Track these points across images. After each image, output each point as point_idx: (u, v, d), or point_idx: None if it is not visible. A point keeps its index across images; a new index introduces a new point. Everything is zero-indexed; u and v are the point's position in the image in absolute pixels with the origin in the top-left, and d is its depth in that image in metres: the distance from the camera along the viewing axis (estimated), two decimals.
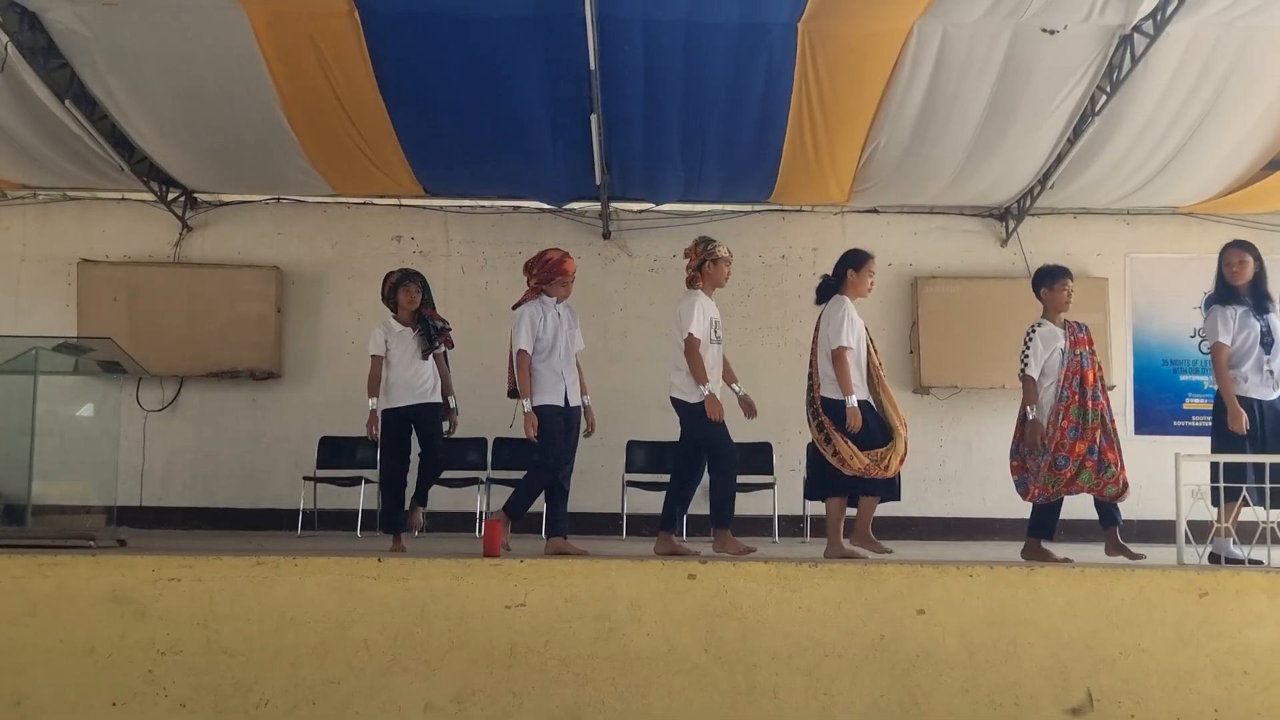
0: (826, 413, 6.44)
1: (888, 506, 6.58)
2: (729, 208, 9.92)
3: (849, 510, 6.53)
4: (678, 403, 6.47)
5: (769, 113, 8.05)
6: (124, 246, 9.98)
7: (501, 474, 9.09)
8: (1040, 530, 6.62)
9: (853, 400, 6.31)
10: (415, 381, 7.04)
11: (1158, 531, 7.11)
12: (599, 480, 9.41)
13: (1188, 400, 9.87)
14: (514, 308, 6.66)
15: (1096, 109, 7.98)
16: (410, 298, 7.15)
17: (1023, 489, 6.76)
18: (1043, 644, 5.34)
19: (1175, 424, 9.74)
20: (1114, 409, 6.72)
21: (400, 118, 8.17)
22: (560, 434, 6.50)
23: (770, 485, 9.03)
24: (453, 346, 7.30)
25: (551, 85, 7.76)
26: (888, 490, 6.48)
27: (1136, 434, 9.64)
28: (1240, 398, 6.47)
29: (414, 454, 7.12)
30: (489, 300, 9.47)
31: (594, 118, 7.94)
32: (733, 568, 5.52)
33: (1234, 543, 6.20)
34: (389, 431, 7.04)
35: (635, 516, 8.88)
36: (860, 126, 8.24)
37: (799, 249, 10.03)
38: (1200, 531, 5.92)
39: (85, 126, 8.39)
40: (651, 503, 7.81)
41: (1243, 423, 6.36)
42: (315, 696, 5.30)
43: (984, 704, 5.31)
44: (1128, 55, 7.43)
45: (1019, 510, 9.30)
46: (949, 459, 9.91)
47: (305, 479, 9.11)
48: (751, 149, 8.53)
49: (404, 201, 9.97)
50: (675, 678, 5.35)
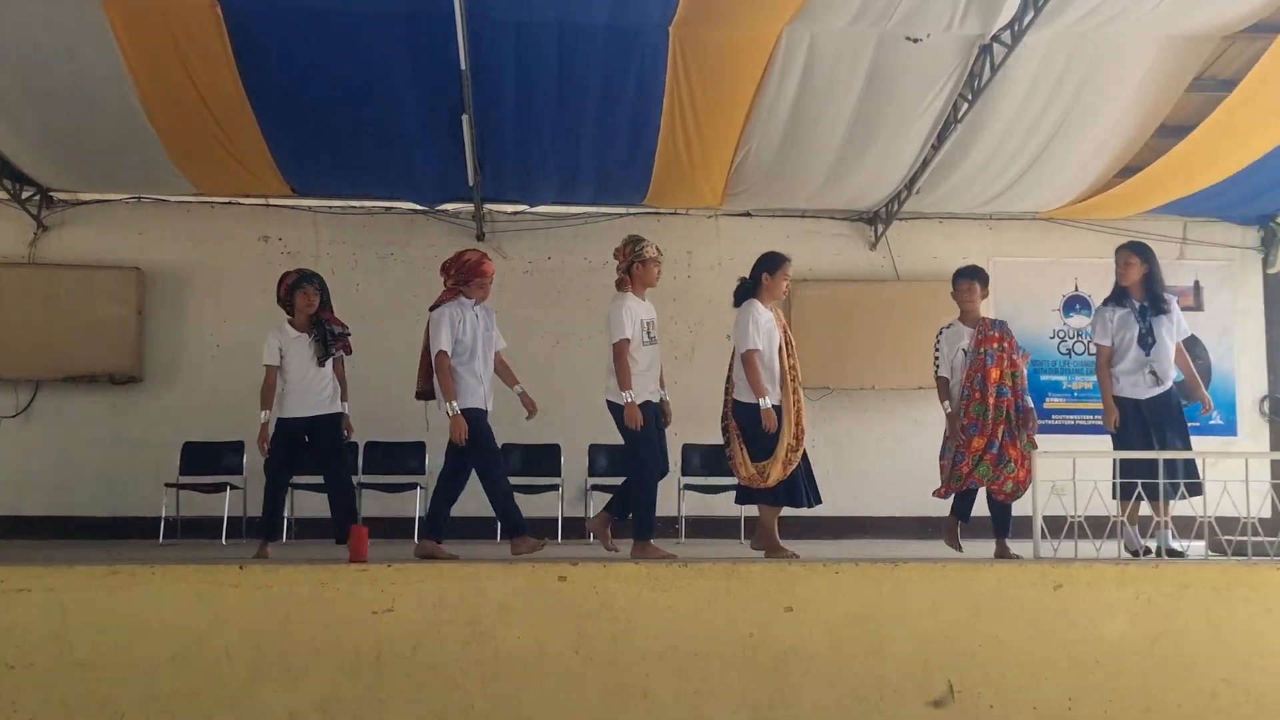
0: (735, 416, 6.58)
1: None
2: (604, 210, 9.93)
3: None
4: (610, 405, 6.51)
5: (642, 115, 8.08)
6: None
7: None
8: (955, 512, 6.93)
9: (766, 402, 6.42)
10: (312, 390, 6.80)
11: (1020, 526, 7.33)
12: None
13: (1048, 399, 10.20)
14: (431, 309, 6.57)
15: (959, 116, 8.20)
16: (308, 301, 6.89)
17: None
18: (906, 638, 5.47)
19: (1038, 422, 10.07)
20: None
21: (266, 116, 7.98)
22: (490, 435, 6.47)
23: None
24: (350, 352, 7.06)
25: (421, 85, 7.66)
26: (787, 498, 6.60)
27: None
28: (1117, 397, 6.75)
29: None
30: (359, 302, 9.29)
31: (466, 118, 7.87)
32: (604, 569, 5.52)
33: (1139, 534, 6.52)
34: (278, 442, 6.78)
35: None
36: (732, 130, 8.33)
37: (674, 252, 10.05)
38: (1098, 527, 6.11)
39: None
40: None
41: (1113, 420, 6.62)
42: (174, 708, 5.17)
43: (850, 698, 5.41)
44: (987, 64, 7.65)
45: (889, 508, 9.64)
46: (821, 459, 9.87)
47: (167, 486, 8.85)
48: (625, 151, 8.56)
49: (271, 201, 9.74)
50: (546, 680, 5.33)
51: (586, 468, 9.29)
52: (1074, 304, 10.32)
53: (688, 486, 9.14)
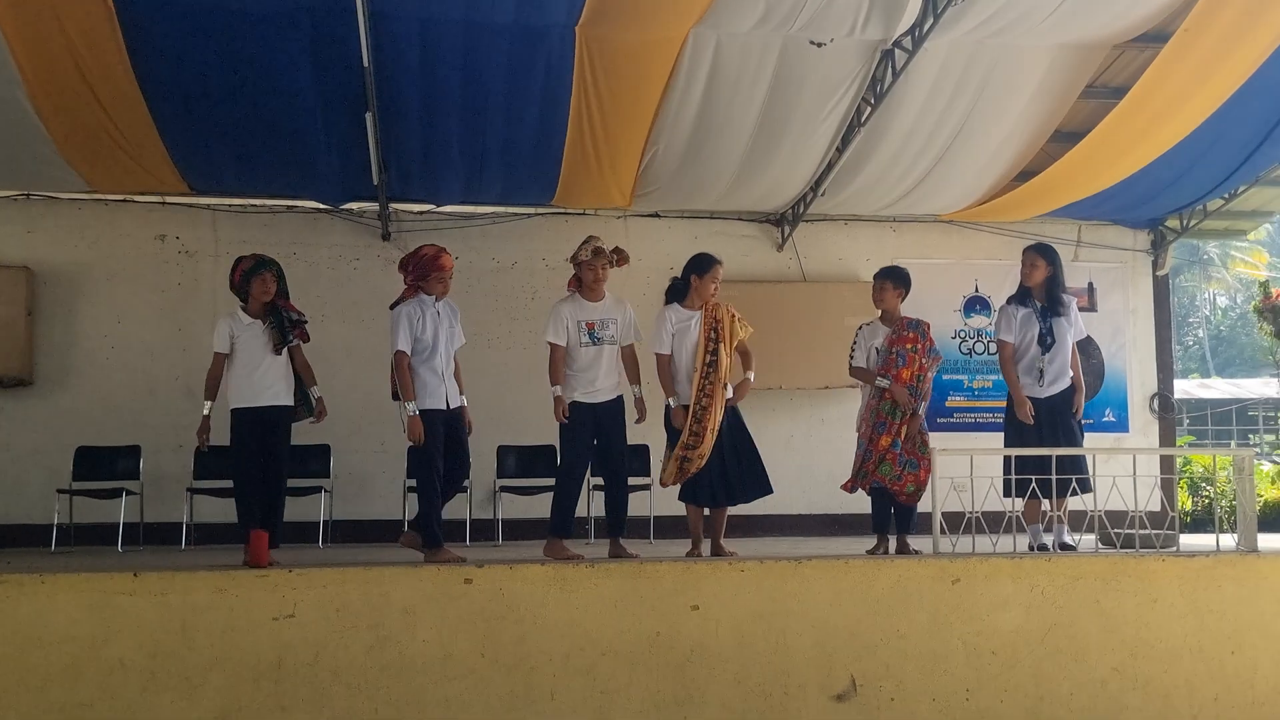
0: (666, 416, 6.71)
1: (677, 506, 6.92)
2: (512, 210, 9.88)
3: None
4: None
5: (548, 115, 8.05)
6: None
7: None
8: (875, 524, 7.00)
9: (671, 402, 6.64)
10: (265, 380, 6.50)
11: (920, 522, 7.47)
12: (380, 487, 9.25)
13: (950, 398, 10.42)
14: (391, 307, 6.49)
15: (862, 120, 8.33)
16: (265, 288, 6.60)
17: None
18: (810, 634, 5.55)
19: (939, 420, 10.26)
20: None
21: (161, 111, 7.76)
22: (439, 438, 6.36)
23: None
24: (308, 340, 6.82)
25: (323, 81, 7.53)
26: (688, 495, 6.75)
27: None
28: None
29: None
30: None
31: (369, 115, 7.77)
32: (510, 570, 5.50)
33: (1043, 529, 6.68)
34: (239, 432, 6.44)
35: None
36: (639, 131, 8.35)
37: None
38: (995, 522, 6.24)
39: None
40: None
41: (1027, 411, 6.79)
42: None
43: (755, 694, 5.47)
44: (889, 69, 7.79)
45: (795, 506, 9.74)
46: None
47: (60, 492, 8.56)
48: (532, 151, 8.52)
49: (168, 199, 9.49)
50: (451, 683, 5.30)
51: (495, 469, 9.24)
52: (974, 304, 10.56)
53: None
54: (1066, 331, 6.94)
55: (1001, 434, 7.28)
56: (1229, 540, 6.27)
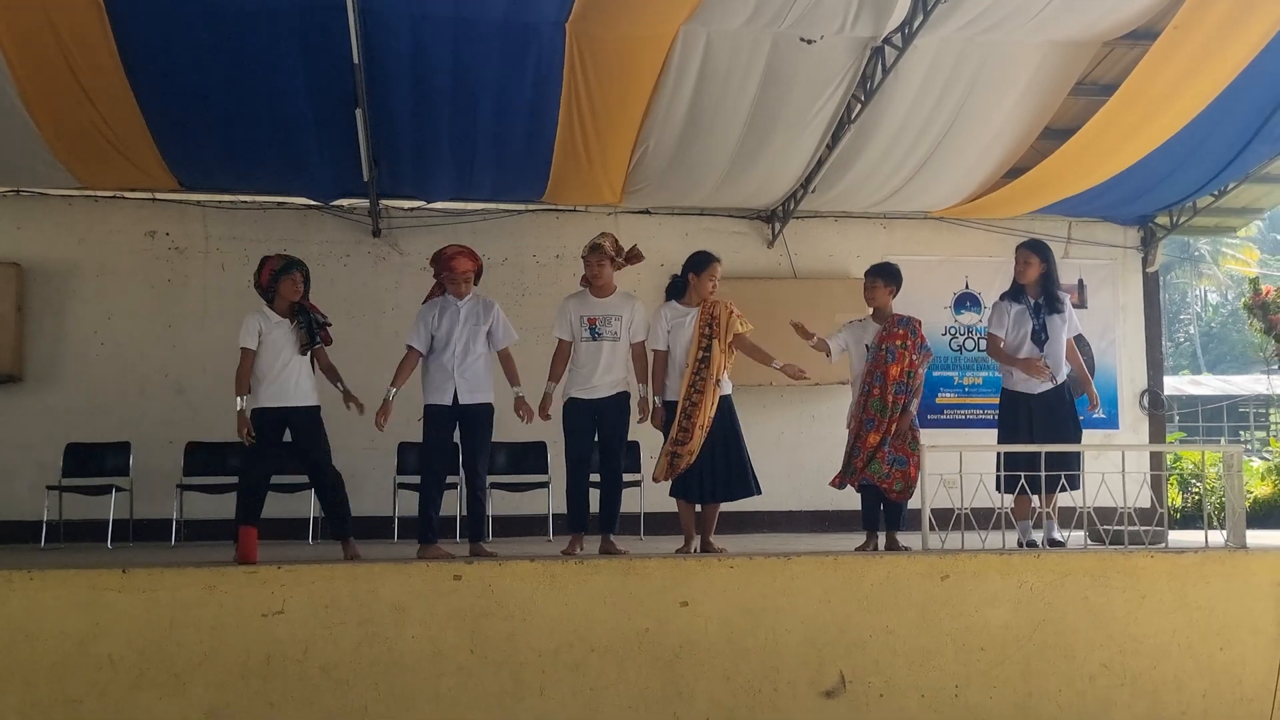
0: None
1: (667, 503, 6.98)
2: (503, 207, 9.87)
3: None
4: None
5: (539, 112, 8.04)
6: None
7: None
8: (865, 520, 6.99)
9: (657, 400, 6.73)
10: (288, 380, 6.46)
11: (909, 518, 7.48)
12: (369, 483, 9.22)
13: (940, 394, 10.44)
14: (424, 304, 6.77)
15: (852, 117, 8.34)
16: (294, 288, 6.61)
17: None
18: (799, 630, 5.56)
19: (929, 417, 10.27)
20: None
21: (151, 108, 7.75)
22: (434, 433, 6.56)
23: (545, 484, 9.04)
24: (331, 343, 6.81)
25: (313, 77, 7.51)
26: (677, 491, 6.79)
27: None
28: (1010, 391, 6.94)
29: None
30: (253, 299, 9.10)
31: (360, 112, 7.75)
32: (499, 567, 5.51)
33: (1034, 526, 6.70)
34: (260, 430, 6.40)
35: (407, 519, 8.70)
36: (629, 128, 8.35)
37: (573, 249, 9.91)
38: (985, 519, 6.25)
39: None
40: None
41: (1040, 364, 6.78)
42: (53, 717, 5.04)
43: (744, 691, 5.48)
44: (879, 66, 7.79)
45: (786, 503, 9.75)
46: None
47: (49, 488, 8.55)
48: (522, 148, 8.51)
49: (158, 195, 9.46)
50: (441, 680, 5.30)
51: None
52: (965, 301, 10.57)
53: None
54: (1061, 328, 6.96)
55: (991, 430, 7.30)
56: (1218, 537, 6.28)
